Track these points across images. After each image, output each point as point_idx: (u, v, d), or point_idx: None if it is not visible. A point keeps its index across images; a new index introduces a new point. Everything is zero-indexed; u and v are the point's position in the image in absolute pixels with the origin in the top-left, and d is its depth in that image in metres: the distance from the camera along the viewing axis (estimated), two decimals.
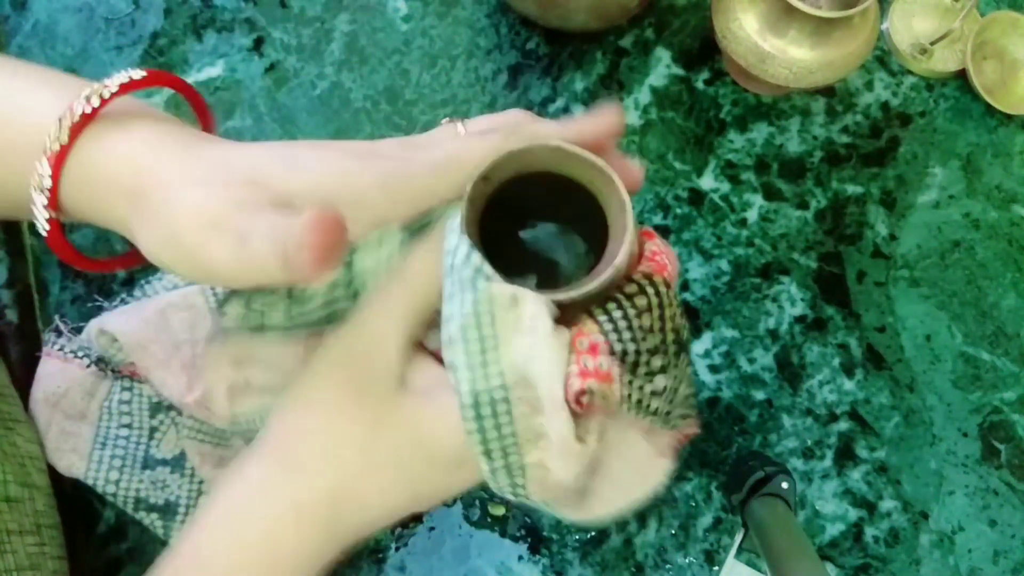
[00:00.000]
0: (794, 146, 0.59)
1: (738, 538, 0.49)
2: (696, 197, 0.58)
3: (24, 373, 0.51)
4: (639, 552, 0.52)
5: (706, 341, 0.55)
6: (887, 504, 0.53)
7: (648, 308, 0.30)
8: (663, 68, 0.60)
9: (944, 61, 0.60)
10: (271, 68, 0.60)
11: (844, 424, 0.54)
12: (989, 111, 0.59)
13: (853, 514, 0.53)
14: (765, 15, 0.52)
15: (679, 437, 0.34)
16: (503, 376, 0.28)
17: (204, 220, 0.28)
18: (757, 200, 0.58)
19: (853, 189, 0.58)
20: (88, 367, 0.50)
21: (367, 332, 0.31)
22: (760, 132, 0.59)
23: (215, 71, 0.60)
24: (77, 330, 0.51)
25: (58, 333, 0.51)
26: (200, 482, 0.50)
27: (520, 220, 0.36)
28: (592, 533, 0.52)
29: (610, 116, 0.33)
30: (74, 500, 0.51)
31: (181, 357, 0.48)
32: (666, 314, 0.31)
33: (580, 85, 0.60)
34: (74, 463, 0.49)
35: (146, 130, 0.31)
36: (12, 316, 0.54)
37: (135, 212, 0.30)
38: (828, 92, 0.60)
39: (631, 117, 0.59)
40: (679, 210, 0.57)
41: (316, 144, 0.31)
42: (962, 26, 0.57)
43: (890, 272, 0.57)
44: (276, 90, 0.60)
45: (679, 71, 0.60)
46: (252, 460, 0.31)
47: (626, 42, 0.60)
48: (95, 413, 0.50)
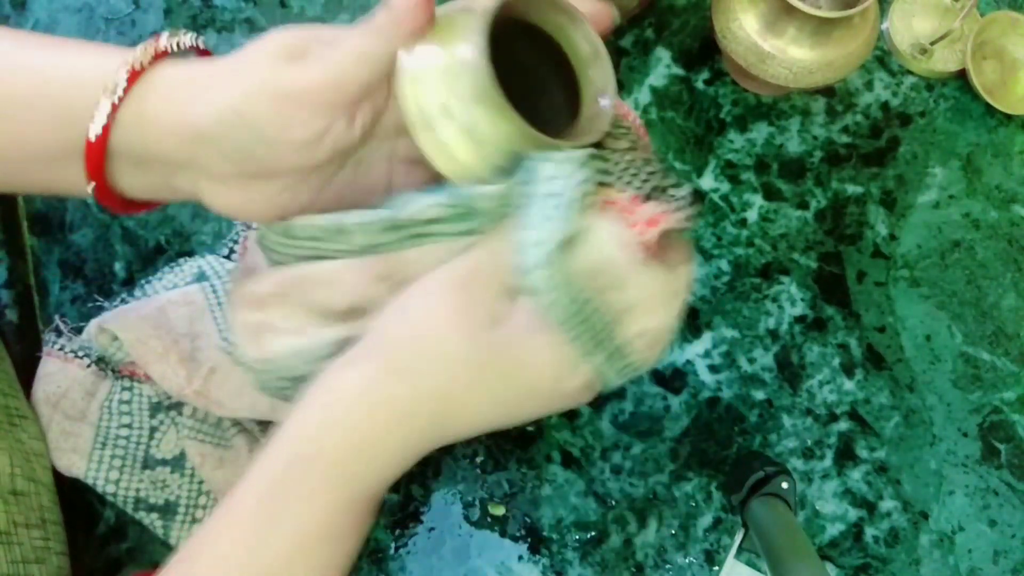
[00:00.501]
0: (794, 146, 0.59)
1: (738, 538, 0.49)
2: (696, 197, 0.58)
3: (24, 373, 0.51)
4: (639, 552, 0.52)
5: (706, 341, 0.55)
6: (887, 504, 0.53)
7: (634, 145, 0.34)
8: (663, 68, 0.60)
9: (944, 61, 0.60)
10: None
11: (844, 424, 0.54)
12: (989, 111, 0.59)
13: (853, 514, 0.53)
14: (765, 15, 0.52)
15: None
16: (581, 280, 0.30)
17: (277, 50, 0.32)
18: (757, 200, 0.58)
19: (853, 189, 0.58)
20: (88, 367, 0.50)
21: (491, 261, 0.32)
22: (760, 132, 0.59)
23: None
24: (77, 330, 0.51)
25: (58, 333, 0.51)
26: (200, 482, 0.50)
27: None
28: (592, 533, 0.52)
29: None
30: (74, 500, 0.51)
31: (179, 350, 0.48)
32: (643, 143, 0.35)
33: None
34: (74, 463, 0.49)
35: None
36: (12, 316, 0.54)
37: (194, 97, 0.32)
38: (828, 92, 0.60)
39: None
40: None
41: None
42: (962, 26, 0.57)
43: (890, 272, 0.57)
44: None
45: (679, 71, 0.60)
46: (345, 368, 0.32)
47: (626, 42, 0.60)
48: (95, 413, 0.50)
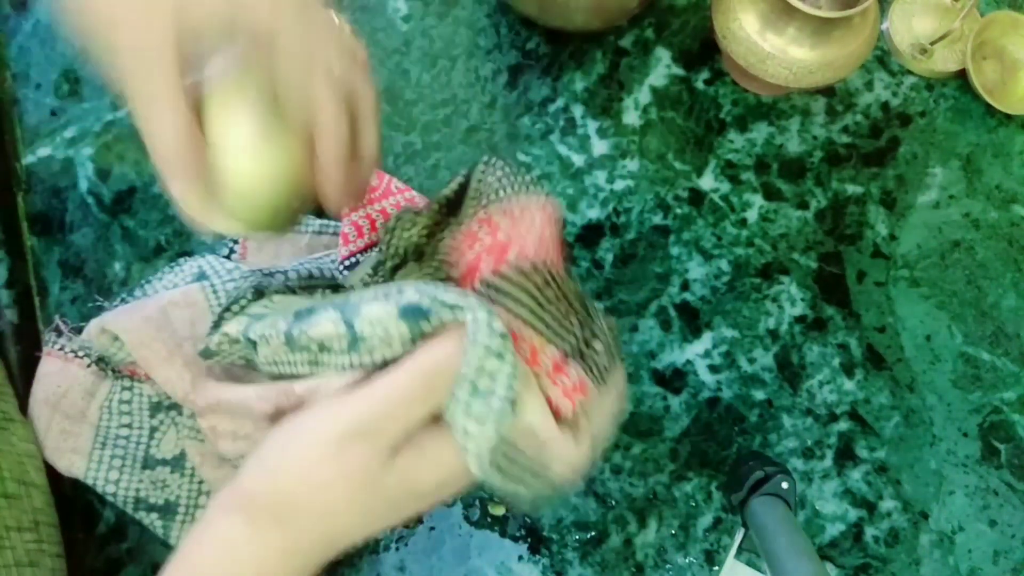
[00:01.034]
0: (794, 146, 0.59)
1: (738, 538, 0.49)
2: (696, 197, 0.58)
3: (24, 373, 0.51)
4: (639, 552, 0.52)
5: (706, 341, 0.55)
6: (887, 504, 0.53)
7: (545, 283, 0.33)
8: (663, 68, 0.60)
9: (944, 61, 0.60)
10: None
11: (844, 424, 0.54)
12: (989, 111, 0.59)
13: (853, 514, 0.53)
14: (765, 15, 0.52)
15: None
16: (508, 431, 0.30)
17: None
18: (757, 200, 0.58)
19: (853, 189, 0.58)
20: (88, 367, 0.50)
21: (378, 400, 0.30)
22: (760, 132, 0.59)
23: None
24: (77, 330, 0.51)
25: (58, 333, 0.51)
26: (200, 482, 0.50)
27: None
28: (592, 533, 0.52)
29: None
30: (73, 500, 0.51)
31: (183, 354, 0.48)
32: (553, 282, 0.34)
33: (580, 85, 0.60)
34: (74, 463, 0.49)
35: None
36: (12, 316, 0.54)
37: None
38: (828, 92, 0.60)
39: (631, 117, 0.59)
40: (679, 210, 0.57)
41: None
42: (962, 26, 0.57)
43: (890, 272, 0.57)
44: None
45: (679, 71, 0.60)
46: (229, 515, 0.31)
47: (626, 42, 0.60)
48: (95, 413, 0.50)
